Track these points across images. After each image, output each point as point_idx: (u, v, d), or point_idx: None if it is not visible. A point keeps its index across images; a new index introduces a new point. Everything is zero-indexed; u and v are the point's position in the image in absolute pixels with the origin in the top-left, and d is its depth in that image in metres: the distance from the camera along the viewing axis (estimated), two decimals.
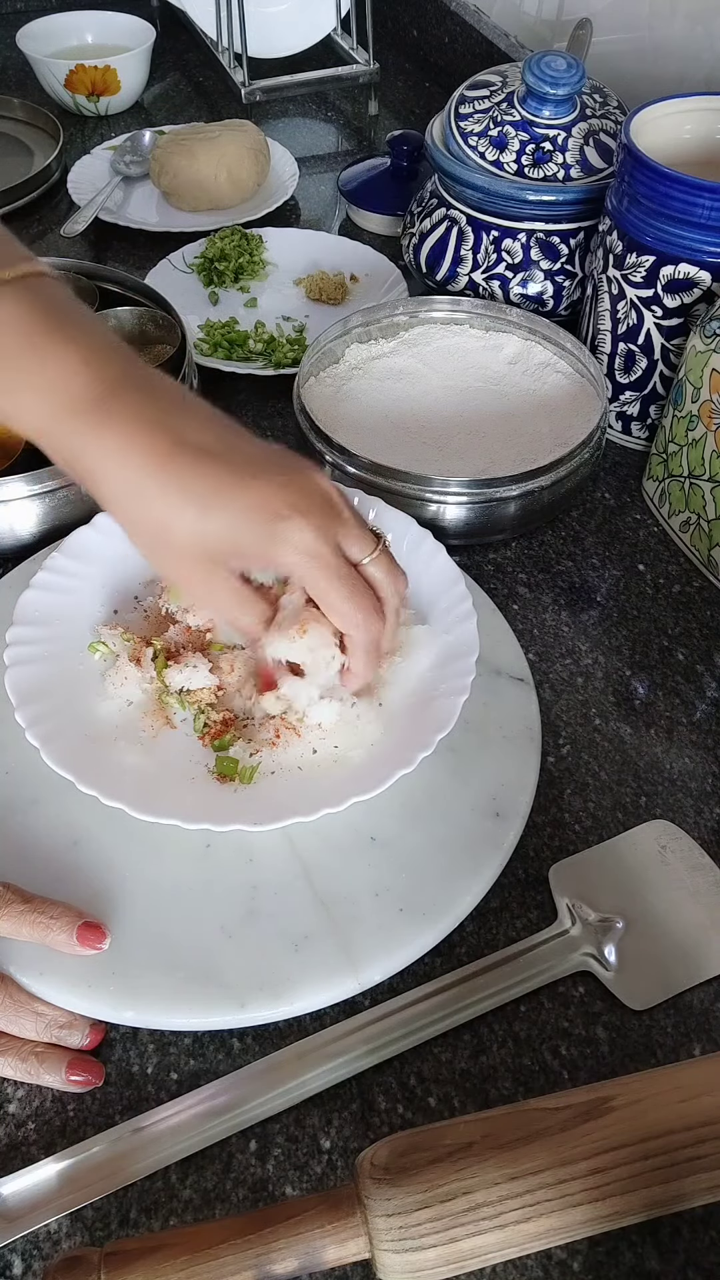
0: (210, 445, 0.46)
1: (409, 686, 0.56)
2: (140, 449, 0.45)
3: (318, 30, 1.20)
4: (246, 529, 0.46)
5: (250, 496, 0.46)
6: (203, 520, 0.46)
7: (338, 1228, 0.39)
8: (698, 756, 0.59)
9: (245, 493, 0.46)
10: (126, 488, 0.46)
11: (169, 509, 0.45)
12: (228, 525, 0.46)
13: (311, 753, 0.54)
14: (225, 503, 0.46)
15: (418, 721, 0.54)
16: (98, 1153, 0.44)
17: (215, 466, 0.46)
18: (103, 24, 1.20)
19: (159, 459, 0.45)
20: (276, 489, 0.47)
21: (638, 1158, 0.39)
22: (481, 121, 0.79)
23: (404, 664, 0.56)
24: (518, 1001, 0.49)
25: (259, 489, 0.46)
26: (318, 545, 0.47)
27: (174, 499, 0.45)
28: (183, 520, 0.46)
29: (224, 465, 0.46)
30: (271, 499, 0.46)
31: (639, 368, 0.73)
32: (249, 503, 0.46)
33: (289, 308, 0.90)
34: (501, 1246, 0.39)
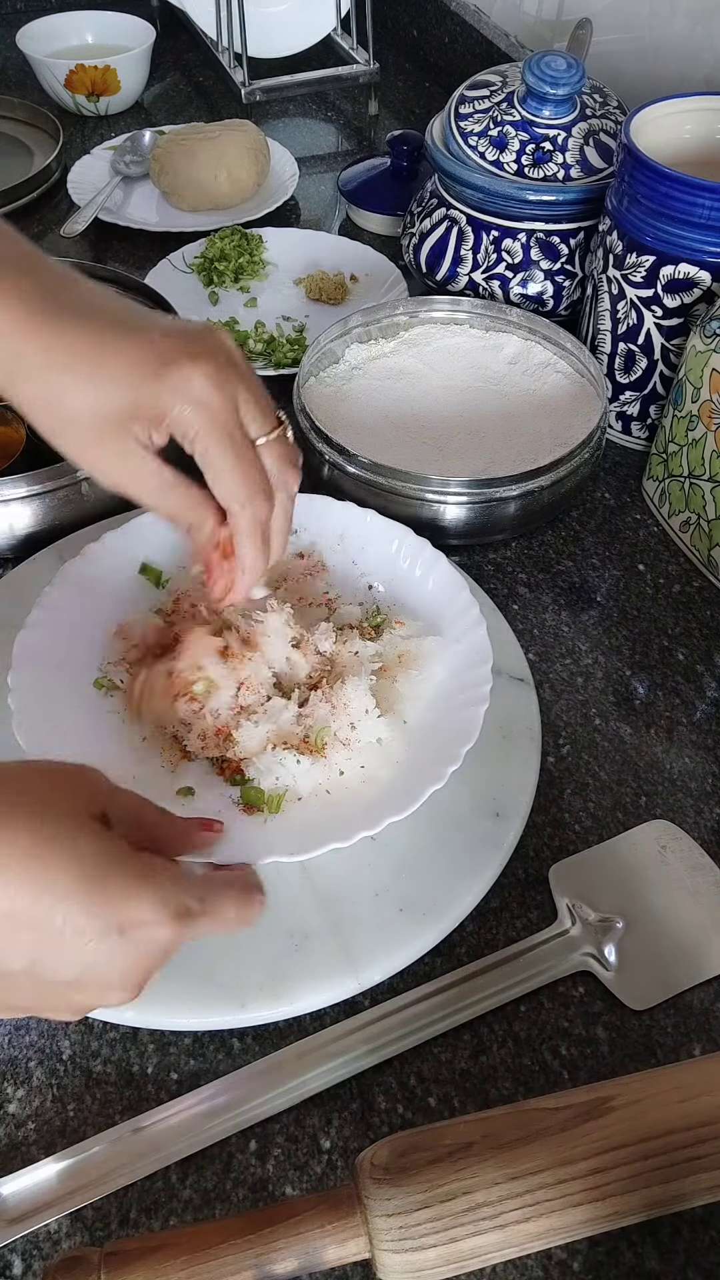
0: (95, 305, 0.43)
1: (426, 700, 0.55)
2: (17, 318, 0.41)
3: (318, 30, 1.20)
4: (141, 382, 0.42)
5: (135, 346, 0.42)
6: (93, 382, 0.42)
7: (338, 1228, 0.39)
8: (698, 756, 0.59)
9: (129, 343, 0.42)
10: (11, 368, 0.42)
11: (57, 376, 0.42)
12: (119, 382, 0.42)
13: (339, 774, 0.52)
14: (113, 359, 0.42)
15: (440, 734, 0.53)
16: (98, 1153, 0.44)
17: (94, 325, 0.42)
18: (103, 24, 1.20)
19: (39, 324, 0.42)
20: (171, 340, 0.43)
21: (638, 1158, 0.39)
22: (481, 121, 0.79)
23: (419, 677, 0.56)
24: (518, 1001, 0.49)
25: (144, 338, 0.43)
26: (213, 395, 0.43)
27: (60, 366, 0.42)
28: (73, 385, 0.42)
29: (111, 323, 0.43)
30: (159, 345, 0.43)
31: (639, 368, 0.73)
32: (135, 353, 0.42)
33: (289, 308, 0.90)
34: (501, 1246, 0.39)
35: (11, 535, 0.66)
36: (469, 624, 0.57)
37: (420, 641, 0.57)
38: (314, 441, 0.69)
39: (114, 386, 0.43)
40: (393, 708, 0.55)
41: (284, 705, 0.53)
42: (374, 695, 0.53)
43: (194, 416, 0.43)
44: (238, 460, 0.45)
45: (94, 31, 1.20)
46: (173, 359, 0.43)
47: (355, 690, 0.53)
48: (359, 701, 0.53)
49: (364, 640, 0.56)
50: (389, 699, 0.55)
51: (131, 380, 0.42)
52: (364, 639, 0.57)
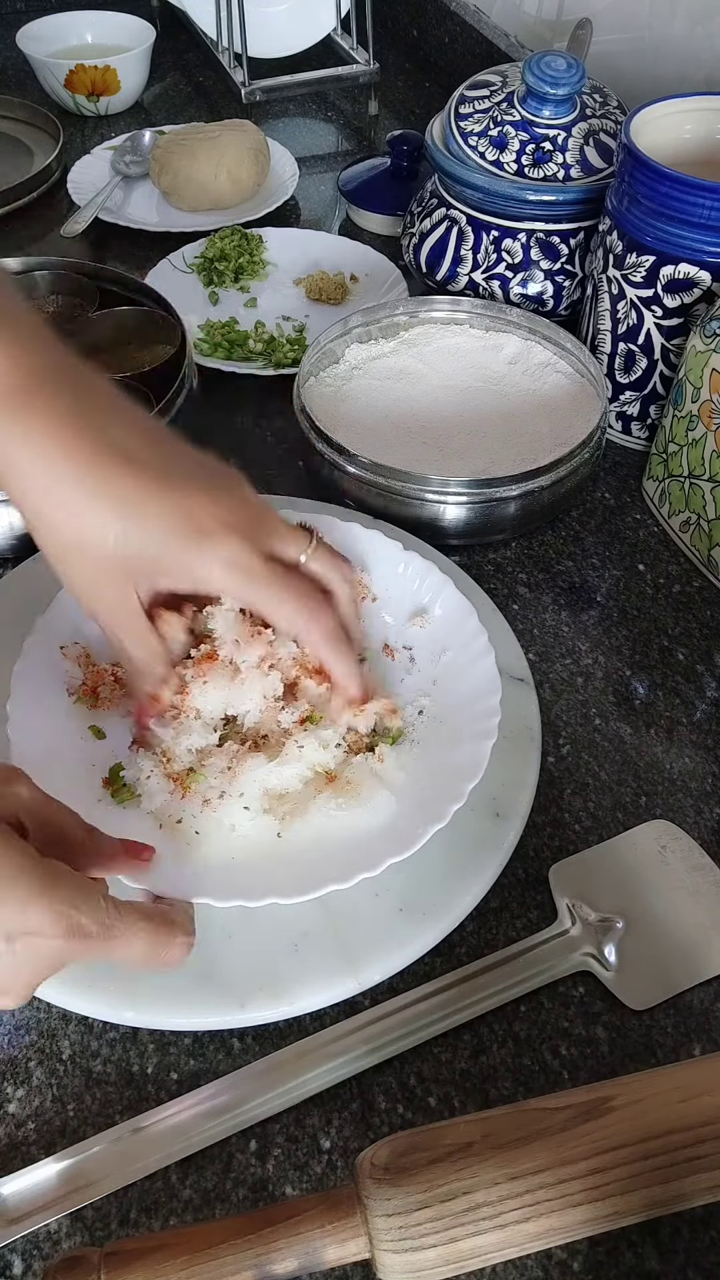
0: (137, 452, 0.44)
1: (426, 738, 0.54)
2: (62, 448, 0.43)
3: (318, 30, 1.20)
4: (170, 542, 0.44)
5: (175, 508, 0.44)
6: (124, 531, 0.43)
7: (338, 1228, 0.39)
8: (698, 756, 0.59)
9: (170, 504, 0.44)
10: (44, 488, 0.43)
11: (88, 515, 0.43)
12: (150, 537, 0.44)
13: (332, 810, 0.51)
14: (149, 513, 0.44)
15: (445, 767, 0.52)
16: (98, 1153, 0.44)
17: (141, 474, 0.44)
18: (103, 24, 1.20)
19: (82, 461, 0.43)
20: (203, 502, 0.45)
21: (638, 1158, 0.39)
22: (481, 121, 0.79)
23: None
24: (518, 1001, 0.49)
25: (185, 501, 0.44)
26: (246, 558, 0.45)
27: (95, 505, 0.43)
28: (102, 528, 0.43)
29: (150, 474, 0.44)
30: (196, 512, 0.44)
31: (639, 368, 0.73)
32: (174, 515, 0.44)
33: (289, 308, 0.90)
34: (501, 1246, 0.39)
35: (11, 535, 0.66)
36: (476, 654, 0.56)
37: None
38: (314, 441, 0.69)
39: (147, 541, 0.44)
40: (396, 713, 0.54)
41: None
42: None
43: (233, 579, 0.46)
44: (288, 595, 0.47)
45: (94, 31, 1.20)
46: (209, 528, 0.45)
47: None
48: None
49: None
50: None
51: (162, 540, 0.44)
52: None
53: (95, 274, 0.81)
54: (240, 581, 0.46)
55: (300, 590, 0.48)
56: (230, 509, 0.46)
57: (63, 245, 0.96)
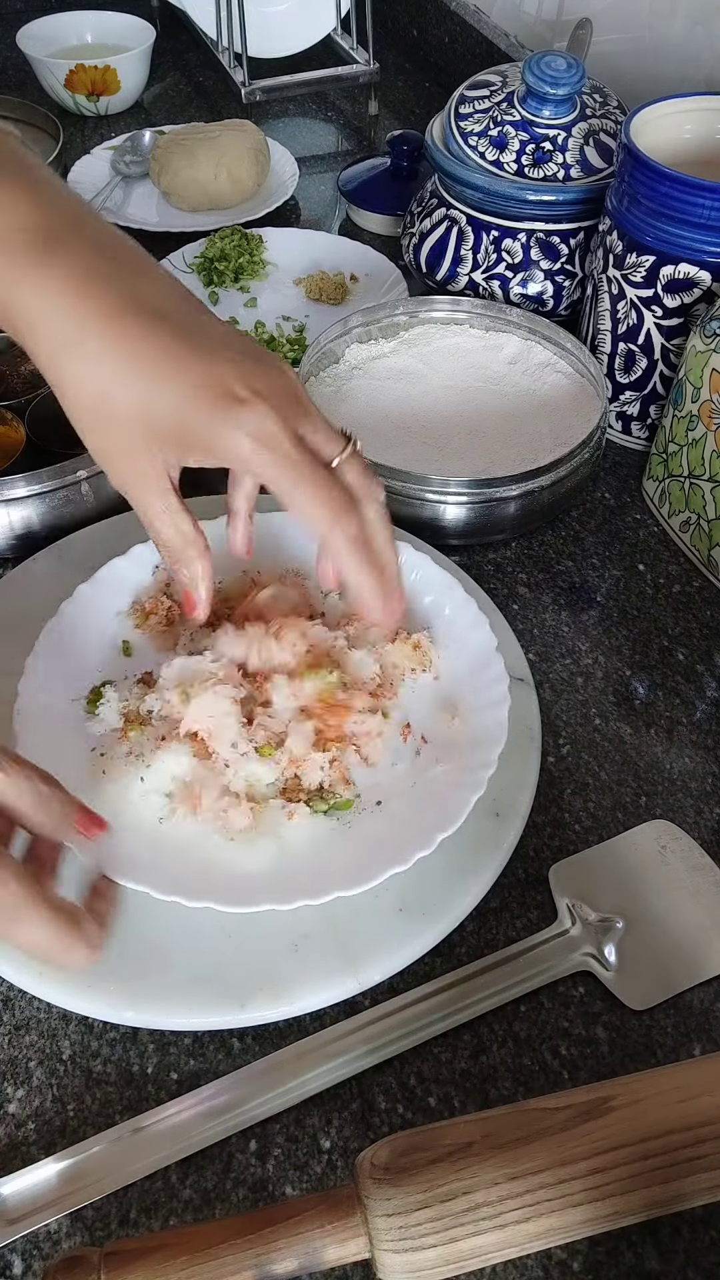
0: (167, 310, 0.41)
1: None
2: (86, 302, 0.40)
3: (318, 30, 1.20)
4: (197, 407, 0.41)
5: (206, 371, 0.41)
6: (150, 392, 0.41)
7: (338, 1228, 0.39)
8: (698, 756, 0.59)
9: (201, 367, 0.41)
10: (67, 344, 0.41)
11: (113, 374, 0.41)
12: (177, 400, 0.41)
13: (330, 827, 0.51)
14: (177, 375, 0.41)
15: (422, 812, 0.51)
16: (98, 1153, 0.44)
17: (169, 334, 0.41)
18: (103, 24, 1.20)
19: (107, 316, 0.40)
20: (235, 367, 0.42)
21: (638, 1158, 0.39)
22: (481, 121, 0.79)
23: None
24: (518, 1001, 0.49)
25: (216, 365, 0.41)
26: (278, 433, 0.42)
27: (121, 363, 0.41)
28: (128, 388, 0.41)
29: (180, 334, 0.41)
30: (228, 377, 0.41)
31: (639, 368, 0.73)
32: (203, 378, 0.41)
33: (289, 308, 0.89)
34: (501, 1246, 0.39)
35: (11, 535, 0.66)
36: (492, 701, 0.54)
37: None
38: None
39: (173, 405, 0.41)
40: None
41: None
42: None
43: (259, 454, 0.42)
44: (313, 487, 0.43)
45: (94, 31, 1.20)
46: (240, 395, 0.41)
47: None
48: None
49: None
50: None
51: (192, 406, 0.41)
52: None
53: None
54: (267, 458, 0.42)
55: (329, 485, 0.44)
56: (266, 380, 0.42)
57: None
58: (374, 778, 0.53)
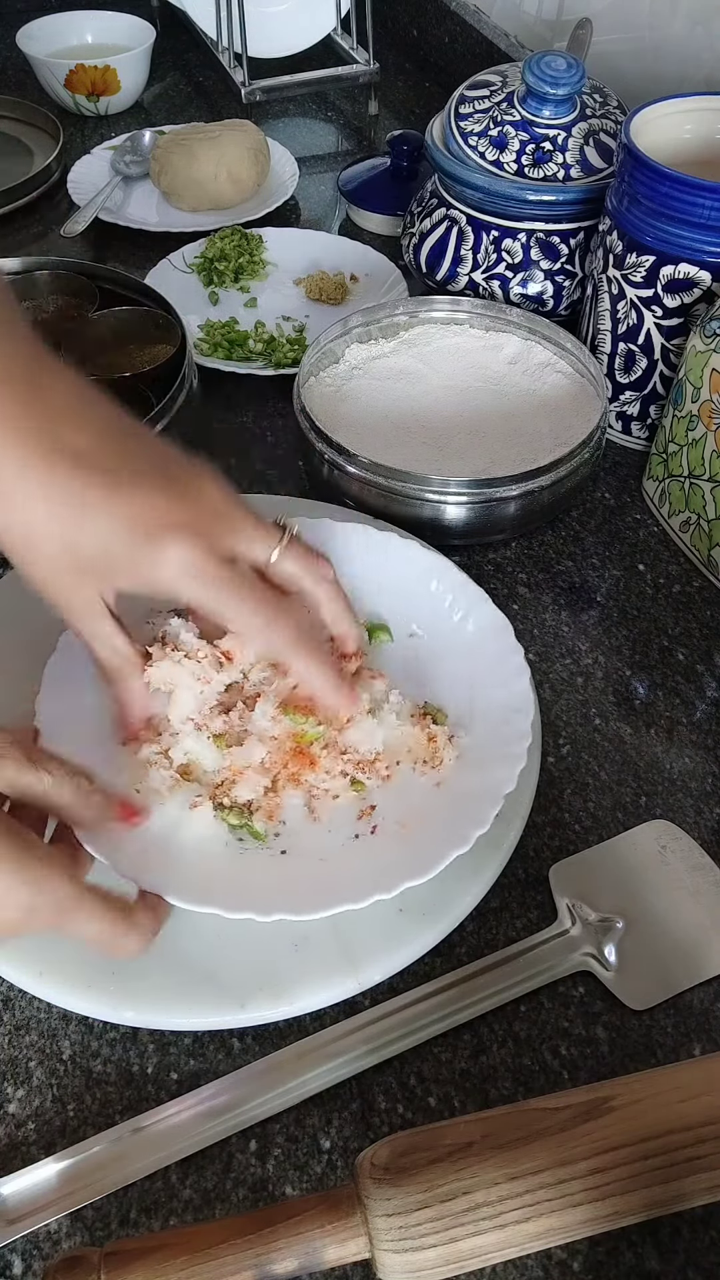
0: (90, 451, 0.43)
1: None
2: (13, 451, 0.42)
3: (318, 30, 1.20)
4: (120, 542, 0.43)
5: (125, 507, 0.43)
6: (73, 529, 0.43)
7: (338, 1228, 0.39)
8: (698, 756, 0.59)
9: (120, 503, 0.43)
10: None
11: (38, 515, 0.43)
12: (99, 537, 0.43)
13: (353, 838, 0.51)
14: (97, 513, 0.43)
15: (441, 829, 0.50)
16: (98, 1153, 0.44)
17: (90, 474, 0.43)
18: (103, 24, 1.20)
19: (29, 463, 0.42)
20: (154, 500, 0.44)
21: (638, 1158, 0.39)
22: (481, 121, 0.79)
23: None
24: (518, 1001, 0.49)
25: (133, 501, 0.43)
26: (199, 560, 0.44)
27: (43, 505, 0.43)
28: (51, 527, 0.43)
29: (100, 473, 0.43)
30: (147, 512, 0.43)
31: (639, 368, 0.73)
32: (123, 514, 0.43)
33: (289, 308, 0.90)
34: (501, 1246, 0.39)
35: None
36: (508, 758, 0.51)
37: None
38: (314, 441, 0.69)
39: (96, 541, 0.43)
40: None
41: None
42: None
43: (185, 583, 0.44)
44: (239, 604, 0.45)
45: (94, 31, 1.20)
46: (158, 531, 0.43)
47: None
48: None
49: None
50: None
51: (115, 538, 0.43)
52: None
53: (95, 274, 0.81)
54: (192, 585, 0.44)
55: (258, 594, 0.46)
56: (186, 507, 0.44)
57: (63, 245, 0.96)
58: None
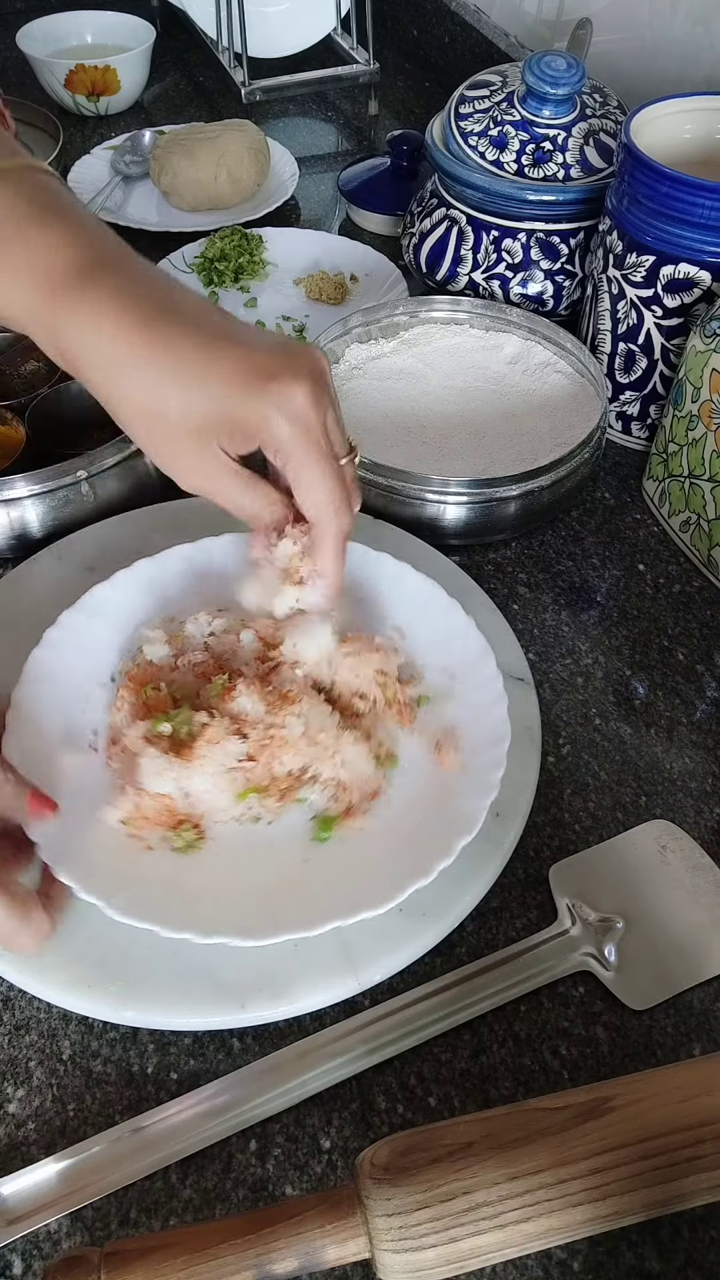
0: (198, 315, 0.44)
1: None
2: (120, 319, 0.43)
3: (318, 30, 1.20)
4: (237, 393, 0.43)
5: (238, 358, 0.43)
6: (189, 388, 0.43)
7: (338, 1228, 0.39)
8: (698, 756, 0.59)
9: (235, 355, 0.43)
10: (107, 361, 0.44)
11: (153, 380, 0.43)
12: (217, 390, 0.43)
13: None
14: (211, 367, 0.43)
15: (435, 821, 0.51)
16: (98, 1153, 0.44)
17: (199, 332, 0.43)
18: (103, 24, 1.20)
19: (139, 328, 0.43)
20: (266, 351, 0.44)
21: (638, 1157, 0.39)
22: (481, 121, 0.79)
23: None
24: (518, 1001, 0.49)
25: (247, 350, 0.44)
26: (311, 413, 0.44)
27: (156, 368, 0.43)
28: (168, 390, 0.43)
29: (209, 330, 0.44)
30: (261, 359, 0.44)
31: (639, 367, 0.73)
32: (239, 365, 0.43)
33: (289, 308, 0.90)
34: (501, 1246, 0.39)
35: (11, 535, 0.66)
36: (489, 763, 0.52)
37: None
38: None
39: (213, 396, 0.44)
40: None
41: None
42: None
43: (290, 432, 0.44)
44: (332, 475, 0.46)
45: (94, 31, 1.20)
46: (275, 374, 0.44)
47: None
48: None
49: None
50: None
51: (231, 391, 0.44)
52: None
53: None
54: (300, 436, 0.44)
55: (341, 480, 0.47)
56: (295, 358, 0.45)
57: None
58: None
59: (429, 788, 0.53)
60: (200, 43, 1.22)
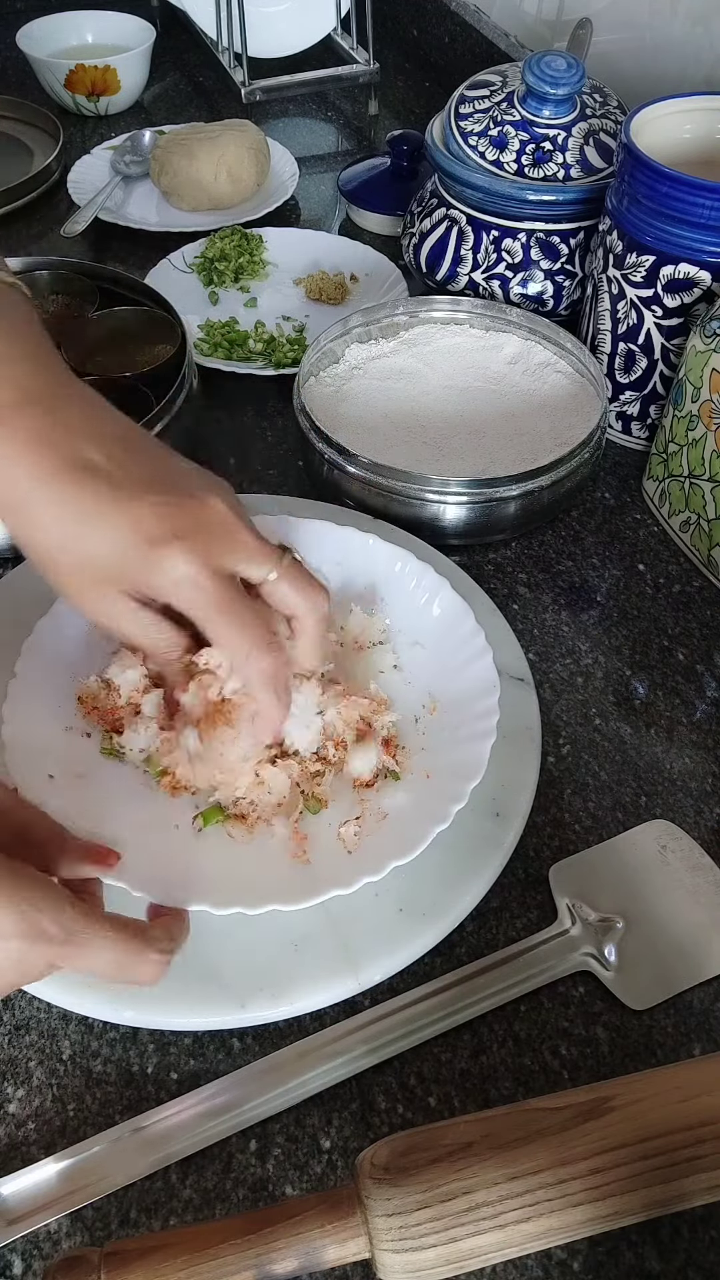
0: (100, 464, 0.44)
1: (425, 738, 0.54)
2: (28, 467, 0.43)
3: (318, 30, 1.20)
4: (126, 552, 0.44)
5: (128, 518, 0.44)
6: (82, 540, 0.44)
7: (338, 1228, 0.39)
8: (698, 756, 0.59)
9: (123, 514, 0.44)
10: (14, 505, 0.44)
11: (51, 528, 0.44)
12: (108, 547, 0.44)
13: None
14: (102, 523, 0.44)
15: (445, 768, 0.52)
16: (98, 1153, 0.44)
17: (98, 485, 0.44)
18: (103, 24, 1.20)
19: (44, 477, 0.43)
20: (157, 511, 0.44)
21: (638, 1157, 0.39)
22: (481, 121, 0.79)
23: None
24: (518, 1001, 0.49)
25: (138, 510, 0.44)
26: (196, 573, 0.44)
27: (54, 518, 0.44)
28: (64, 539, 0.44)
29: (108, 484, 0.44)
30: (149, 522, 0.44)
31: (639, 367, 0.73)
32: (127, 525, 0.44)
33: (289, 308, 0.90)
34: (501, 1246, 0.39)
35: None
36: (476, 734, 0.53)
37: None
38: (314, 441, 0.69)
39: (111, 554, 0.44)
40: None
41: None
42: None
43: (182, 595, 0.45)
44: (230, 624, 0.46)
45: (94, 31, 1.20)
46: (159, 540, 0.44)
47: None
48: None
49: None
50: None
51: (121, 548, 0.44)
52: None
53: (95, 274, 0.81)
54: (187, 597, 0.45)
55: (248, 619, 0.46)
56: (187, 518, 0.45)
57: (63, 245, 0.96)
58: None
59: (434, 747, 0.54)
60: (200, 43, 1.22)
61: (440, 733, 0.54)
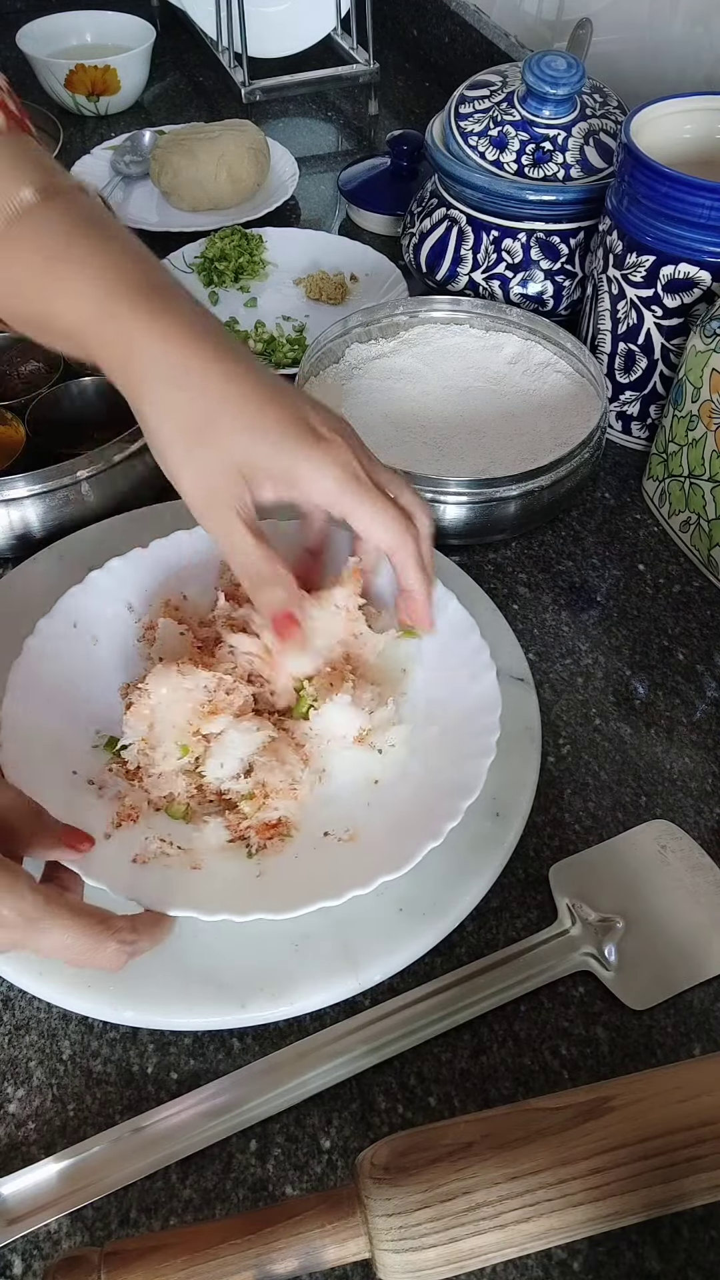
0: (252, 361, 0.48)
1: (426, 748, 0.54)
2: (201, 341, 0.46)
3: (318, 30, 1.20)
4: (286, 440, 0.47)
5: (294, 410, 0.47)
6: (255, 419, 0.47)
7: (338, 1228, 0.39)
8: (698, 756, 0.59)
9: (289, 406, 0.47)
10: (175, 375, 0.46)
11: (223, 400, 0.46)
12: (276, 431, 0.47)
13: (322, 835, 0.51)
14: (277, 409, 0.47)
15: (440, 787, 0.52)
16: (98, 1153, 0.44)
17: (260, 380, 0.47)
18: (103, 24, 1.20)
19: (220, 356, 0.46)
20: (315, 410, 0.49)
21: (638, 1157, 0.39)
22: (481, 121, 0.79)
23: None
24: (518, 1001, 0.49)
25: (301, 406, 0.48)
26: (357, 466, 0.48)
27: (231, 393, 0.46)
28: (235, 414, 0.47)
29: (267, 379, 0.48)
30: (312, 418, 0.48)
31: (639, 367, 0.73)
32: (292, 417, 0.47)
33: (289, 308, 0.90)
34: (501, 1246, 0.39)
35: (11, 535, 0.66)
36: (476, 752, 0.52)
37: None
38: None
39: (272, 436, 0.47)
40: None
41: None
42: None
43: (342, 484, 0.48)
44: (384, 515, 0.49)
45: (94, 31, 1.20)
46: (320, 433, 0.48)
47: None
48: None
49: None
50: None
51: (289, 435, 0.47)
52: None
53: None
54: (350, 487, 0.48)
55: (396, 512, 0.50)
56: (339, 424, 0.49)
57: None
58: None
59: (433, 761, 0.54)
60: (200, 43, 1.22)
61: (439, 748, 0.54)
